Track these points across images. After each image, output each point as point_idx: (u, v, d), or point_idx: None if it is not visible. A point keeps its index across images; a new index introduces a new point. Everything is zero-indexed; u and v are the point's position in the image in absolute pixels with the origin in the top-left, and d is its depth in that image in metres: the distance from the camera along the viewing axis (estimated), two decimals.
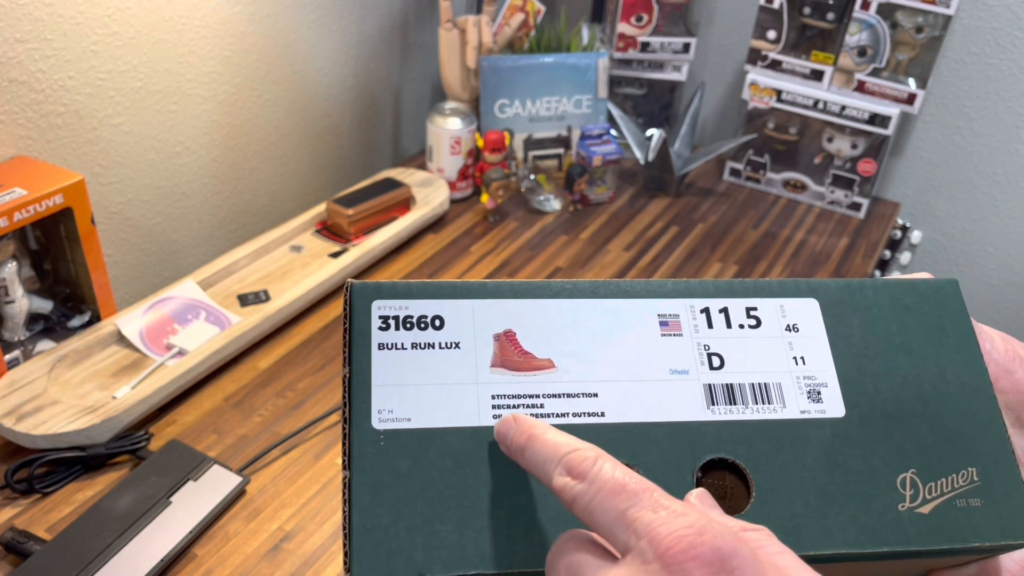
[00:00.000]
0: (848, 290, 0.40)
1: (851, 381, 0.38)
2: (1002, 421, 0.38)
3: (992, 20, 1.22)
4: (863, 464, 0.37)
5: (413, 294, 0.37)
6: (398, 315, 0.37)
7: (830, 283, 0.40)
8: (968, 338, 0.40)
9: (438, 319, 0.37)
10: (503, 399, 0.36)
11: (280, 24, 1.08)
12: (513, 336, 0.37)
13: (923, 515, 0.36)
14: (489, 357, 0.37)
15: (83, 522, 0.69)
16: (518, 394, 0.36)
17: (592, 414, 0.36)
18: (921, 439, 0.37)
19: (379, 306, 0.37)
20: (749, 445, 0.37)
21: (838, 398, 0.38)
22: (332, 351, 0.93)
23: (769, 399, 0.38)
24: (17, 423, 0.75)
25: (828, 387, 0.38)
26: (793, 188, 1.32)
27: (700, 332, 0.39)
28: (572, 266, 1.11)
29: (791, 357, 0.39)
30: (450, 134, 1.19)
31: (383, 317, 0.37)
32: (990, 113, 1.27)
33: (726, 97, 1.47)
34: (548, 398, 0.36)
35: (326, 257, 1.05)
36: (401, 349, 0.36)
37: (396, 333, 0.36)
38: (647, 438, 0.36)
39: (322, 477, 0.78)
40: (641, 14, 1.31)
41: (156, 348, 0.87)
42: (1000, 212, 1.33)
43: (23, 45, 0.81)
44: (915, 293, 0.40)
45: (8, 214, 0.76)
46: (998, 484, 0.37)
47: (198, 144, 1.03)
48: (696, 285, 0.40)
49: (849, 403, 0.38)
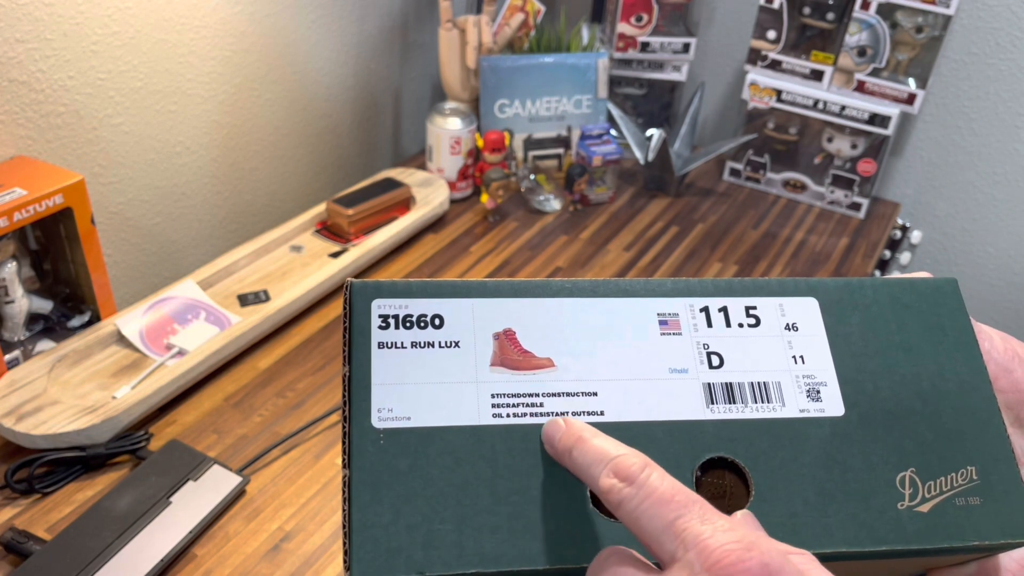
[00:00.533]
0: (847, 289, 0.40)
1: (850, 380, 0.39)
2: (1001, 420, 0.38)
3: (992, 20, 1.22)
4: (862, 463, 0.37)
5: (413, 293, 0.37)
6: (398, 314, 0.37)
7: (829, 282, 0.41)
8: (967, 337, 0.40)
9: (438, 318, 0.37)
10: (503, 398, 0.36)
11: (280, 24, 1.08)
12: (513, 335, 0.37)
13: (922, 514, 0.36)
14: (489, 356, 0.37)
15: (83, 522, 0.69)
16: (518, 393, 0.36)
17: (592, 413, 0.36)
18: (920, 438, 0.37)
19: (379, 305, 0.37)
20: (748, 444, 0.37)
21: (837, 397, 0.38)
22: (332, 351, 0.93)
23: (768, 398, 0.38)
24: (17, 423, 0.75)
25: (827, 386, 0.38)
26: (793, 188, 1.32)
27: (699, 331, 0.39)
28: (572, 266, 1.11)
29: (790, 356, 0.39)
30: (450, 134, 1.19)
31: (383, 316, 0.37)
32: (990, 113, 1.27)
33: (726, 97, 1.47)
34: (548, 397, 0.36)
35: (326, 257, 1.05)
36: (401, 348, 0.36)
37: (396, 332, 0.36)
38: (646, 437, 0.36)
39: (322, 477, 0.78)
40: (641, 14, 1.31)
41: (156, 348, 0.87)
42: (1000, 212, 1.33)
43: (23, 45, 0.81)
44: (914, 292, 0.41)
45: (8, 214, 0.76)
46: (997, 483, 0.37)
47: (198, 144, 1.03)
48: (695, 284, 0.40)
49: (848, 402, 0.38)
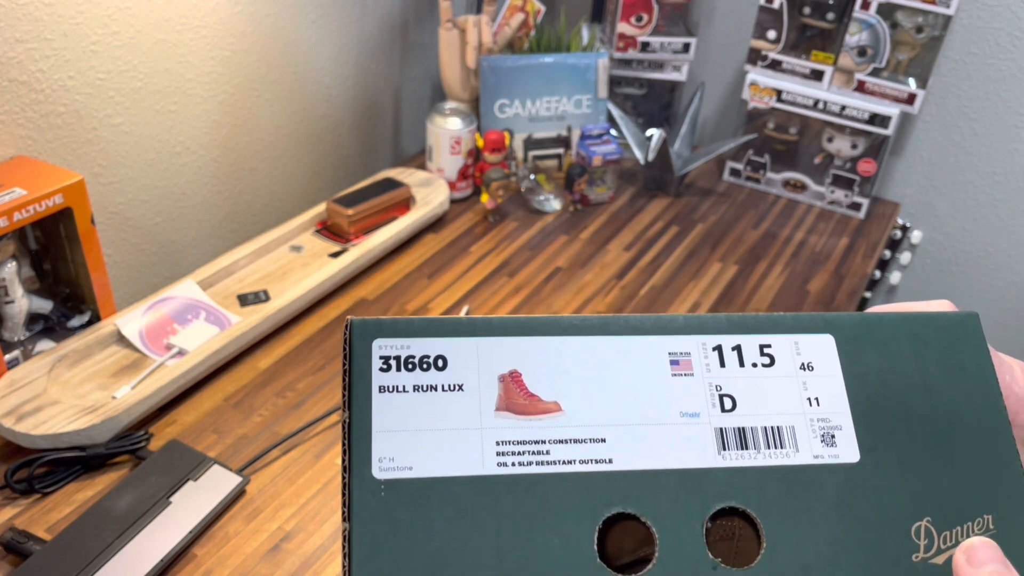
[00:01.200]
0: (865, 325, 0.39)
1: (866, 423, 0.37)
2: (1019, 465, 0.37)
3: (992, 20, 1.22)
4: (877, 512, 0.36)
5: (415, 332, 0.36)
6: (400, 355, 0.36)
7: (846, 318, 0.39)
8: (987, 375, 0.39)
9: (441, 359, 0.36)
10: (508, 445, 0.35)
11: (280, 24, 1.08)
12: (519, 377, 0.36)
13: (937, 566, 0.35)
14: (494, 399, 0.36)
15: (83, 522, 0.69)
16: (524, 440, 0.35)
17: (600, 461, 0.35)
18: (936, 485, 0.36)
19: (380, 345, 0.36)
20: (760, 492, 0.36)
21: (852, 441, 0.37)
22: (332, 351, 0.93)
23: (782, 443, 0.37)
24: (17, 423, 0.75)
25: (842, 430, 0.37)
26: (793, 188, 1.32)
27: (712, 371, 0.38)
28: (572, 266, 1.11)
29: (805, 398, 0.38)
30: (450, 134, 1.19)
31: (384, 357, 0.36)
32: (990, 113, 1.27)
33: (726, 97, 1.47)
34: (555, 444, 0.35)
35: (326, 257, 1.05)
36: (403, 392, 0.35)
37: (397, 374, 0.36)
38: (656, 485, 0.35)
39: (322, 477, 0.78)
40: (641, 14, 1.31)
41: (156, 348, 0.87)
42: (1000, 212, 1.33)
43: (23, 45, 0.81)
44: (935, 328, 0.39)
45: (8, 214, 0.76)
46: (1014, 533, 0.36)
47: (198, 144, 1.03)
48: (709, 320, 0.39)
49: (864, 447, 0.37)
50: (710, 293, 1.08)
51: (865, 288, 1.36)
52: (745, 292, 1.09)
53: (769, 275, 1.13)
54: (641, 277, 1.10)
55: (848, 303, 1.09)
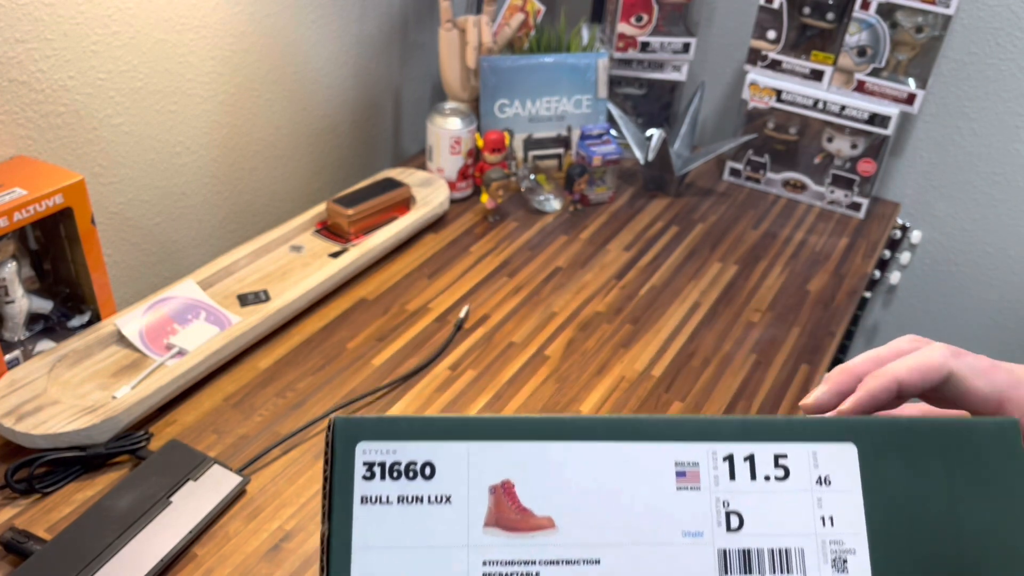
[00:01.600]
0: (892, 431, 0.36)
1: (883, 546, 0.34)
2: None
3: (992, 20, 1.22)
4: None
5: (402, 434, 0.34)
6: (384, 461, 0.34)
7: (872, 423, 0.36)
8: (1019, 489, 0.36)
9: (429, 466, 0.34)
10: (495, 566, 0.33)
11: (280, 24, 1.08)
12: (511, 488, 0.34)
13: None
14: (483, 513, 0.33)
15: (83, 522, 0.69)
16: (512, 560, 0.33)
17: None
18: None
19: (364, 449, 0.34)
20: None
21: (866, 568, 0.34)
22: (332, 351, 0.93)
23: (789, 568, 0.34)
24: (17, 423, 0.75)
25: (856, 554, 0.34)
26: (793, 188, 1.32)
27: (720, 485, 0.35)
28: (572, 266, 1.11)
29: (819, 517, 0.35)
30: (450, 134, 1.19)
31: (368, 464, 0.34)
32: (990, 113, 1.27)
33: (726, 97, 1.47)
34: (545, 565, 0.33)
35: (326, 257, 1.05)
36: (386, 504, 0.33)
37: (381, 483, 0.33)
38: None
39: (322, 477, 0.78)
40: (641, 14, 1.31)
41: (156, 348, 0.87)
42: (1000, 212, 1.33)
43: (23, 45, 0.81)
44: (970, 438, 0.36)
45: (8, 214, 0.76)
46: None
47: (198, 144, 1.03)
48: (722, 424, 0.35)
49: (877, 574, 0.34)
50: (710, 293, 1.08)
51: (865, 288, 1.36)
52: (745, 292, 1.09)
53: (769, 275, 1.13)
54: (641, 277, 1.10)
55: (848, 303, 1.09)
